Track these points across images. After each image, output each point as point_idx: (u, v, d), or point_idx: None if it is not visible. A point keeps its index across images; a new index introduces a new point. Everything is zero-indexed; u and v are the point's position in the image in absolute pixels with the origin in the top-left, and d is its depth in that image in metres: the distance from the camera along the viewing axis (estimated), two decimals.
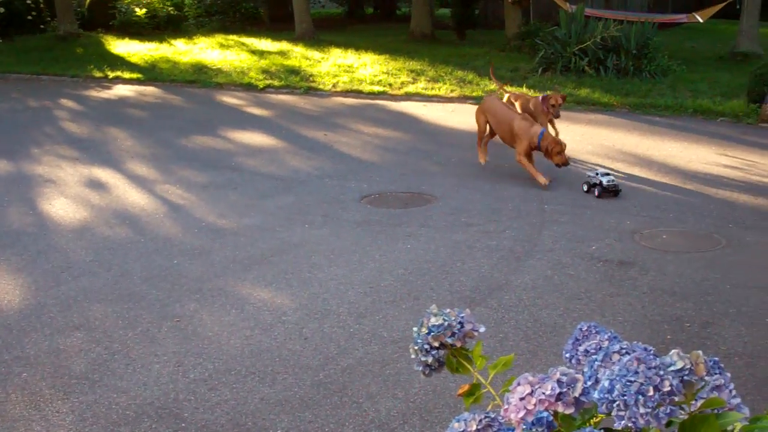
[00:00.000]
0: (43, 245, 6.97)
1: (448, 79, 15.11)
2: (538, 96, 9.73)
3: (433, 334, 1.44)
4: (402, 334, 5.15)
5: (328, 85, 15.09)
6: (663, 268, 6.28)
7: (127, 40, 21.22)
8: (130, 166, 9.60)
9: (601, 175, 8.12)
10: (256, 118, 12.62)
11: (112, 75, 16.45)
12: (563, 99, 9.45)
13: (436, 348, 1.45)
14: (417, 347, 1.46)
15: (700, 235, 7.10)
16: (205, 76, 16.25)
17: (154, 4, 23.64)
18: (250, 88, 15.31)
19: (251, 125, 11.95)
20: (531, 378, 1.22)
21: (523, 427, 1.19)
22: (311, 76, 15.94)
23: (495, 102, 8.96)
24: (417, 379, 4.54)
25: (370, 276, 6.18)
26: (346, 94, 14.60)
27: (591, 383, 1.21)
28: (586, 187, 8.22)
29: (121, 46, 20.12)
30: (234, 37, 22.00)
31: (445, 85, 14.66)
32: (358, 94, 14.54)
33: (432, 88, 14.46)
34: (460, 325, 1.45)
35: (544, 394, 1.19)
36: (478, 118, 9.17)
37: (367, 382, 4.61)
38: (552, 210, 7.77)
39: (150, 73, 16.67)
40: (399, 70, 16.12)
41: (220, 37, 21.82)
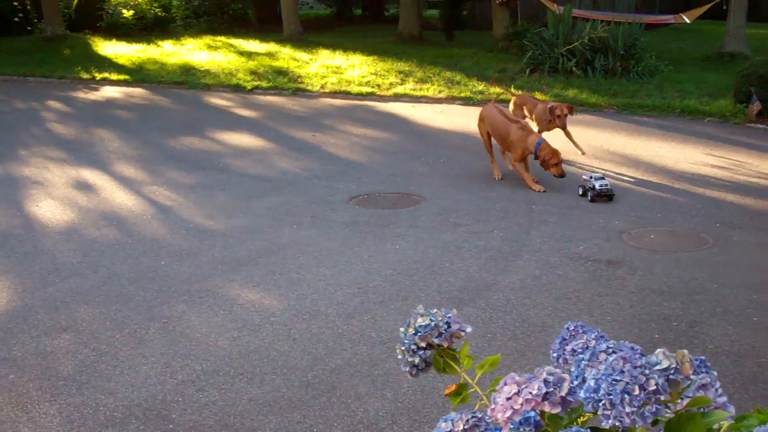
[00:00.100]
0: (30, 247, 6.94)
1: (436, 80, 15.12)
2: (546, 102, 9.60)
3: (419, 334, 1.44)
4: (390, 335, 5.15)
5: (317, 86, 15.08)
6: (651, 268, 6.30)
7: (114, 41, 21.17)
8: (118, 168, 9.57)
9: (595, 179, 7.99)
10: (244, 120, 12.60)
11: (99, 76, 16.40)
12: (569, 110, 9.30)
13: (423, 348, 1.45)
14: (404, 348, 1.46)
15: (687, 235, 7.13)
16: (193, 77, 16.22)
17: (142, 6, 23.58)
18: (238, 89, 15.28)
19: (239, 126, 11.93)
20: (518, 378, 1.22)
21: (510, 426, 1.19)
22: (299, 77, 15.93)
23: (491, 110, 8.90)
24: (405, 379, 4.54)
25: (359, 276, 6.18)
26: (334, 95, 14.60)
27: (578, 382, 1.21)
28: (581, 191, 8.12)
29: (108, 48, 20.06)
30: (222, 38, 21.97)
31: (433, 86, 14.67)
32: (346, 95, 14.53)
33: (420, 89, 14.47)
34: (446, 326, 1.45)
35: (530, 393, 1.19)
36: (479, 129, 9.10)
37: (355, 383, 4.61)
38: (540, 210, 7.78)
39: (137, 74, 16.63)
40: (387, 71, 16.12)
41: (207, 39, 21.79)
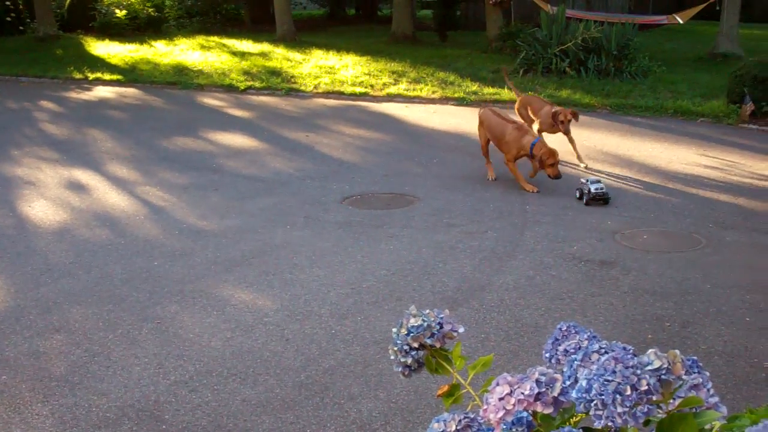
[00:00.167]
0: (23, 247, 6.92)
1: (430, 81, 15.13)
2: (551, 106, 9.49)
3: (412, 335, 1.44)
4: (384, 335, 5.15)
5: (310, 87, 15.07)
6: (644, 268, 6.31)
7: (107, 41, 21.13)
8: (111, 168, 9.55)
9: (591, 183, 7.89)
10: (237, 120, 12.58)
11: (92, 76, 16.37)
12: (573, 116, 9.20)
13: (415, 349, 1.45)
14: (396, 348, 1.46)
15: (680, 235, 7.14)
16: (186, 77, 16.19)
17: (135, 6, 23.54)
18: (231, 89, 15.27)
19: (232, 126, 11.92)
20: (510, 378, 1.22)
21: (502, 427, 1.19)
22: (293, 77, 15.91)
23: (488, 113, 8.91)
24: (399, 379, 4.54)
25: (352, 277, 6.18)
26: (327, 95, 14.59)
27: (570, 383, 1.21)
28: (578, 194, 8.04)
29: (101, 48, 20.02)
30: (215, 38, 21.95)
31: (426, 86, 14.67)
32: (339, 95, 14.53)
33: (413, 90, 14.47)
34: (439, 326, 1.45)
35: (522, 394, 1.19)
36: (479, 132, 9.08)
37: (348, 383, 4.61)
38: (534, 211, 7.78)
39: (130, 74, 16.60)
40: (380, 72, 16.12)
41: (200, 39, 21.76)
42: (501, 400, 1.20)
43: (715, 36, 18.01)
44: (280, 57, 18.22)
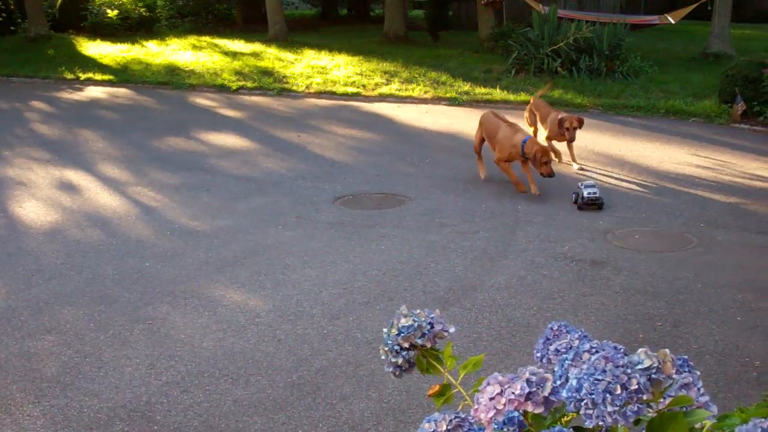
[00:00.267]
0: (14, 248, 6.90)
1: (422, 81, 15.12)
2: (558, 112, 9.40)
3: (403, 335, 1.43)
4: (376, 335, 5.15)
5: (302, 87, 15.06)
6: (635, 268, 6.32)
7: (98, 41, 21.06)
8: (102, 168, 9.53)
9: (585, 187, 7.77)
10: (229, 120, 12.56)
11: (83, 77, 16.32)
12: (579, 123, 9.12)
13: (406, 349, 1.45)
14: (387, 348, 1.45)
15: (672, 235, 7.16)
16: (178, 77, 16.16)
17: (126, 6, 23.47)
18: (223, 89, 15.24)
19: (224, 127, 11.90)
20: (500, 378, 1.22)
21: (493, 426, 1.19)
22: (284, 77, 15.90)
23: (488, 115, 8.89)
24: (390, 379, 4.54)
25: (344, 277, 6.18)
26: (319, 95, 14.58)
27: (561, 382, 1.21)
28: (574, 198, 7.91)
29: (92, 48, 19.96)
30: (207, 38, 21.90)
31: (418, 86, 14.67)
32: (331, 95, 14.51)
33: (406, 90, 14.46)
34: (430, 326, 1.45)
35: (513, 393, 1.19)
36: (476, 132, 9.04)
37: (340, 383, 4.60)
38: (525, 210, 7.79)
39: (122, 74, 16.56)
40: (373, 72, 16.11)
41: (192, 39, 21.71)
42: (492, 399, 1.20)
43: (706, 36, 18.04)
44: (272, 57, 18.20)
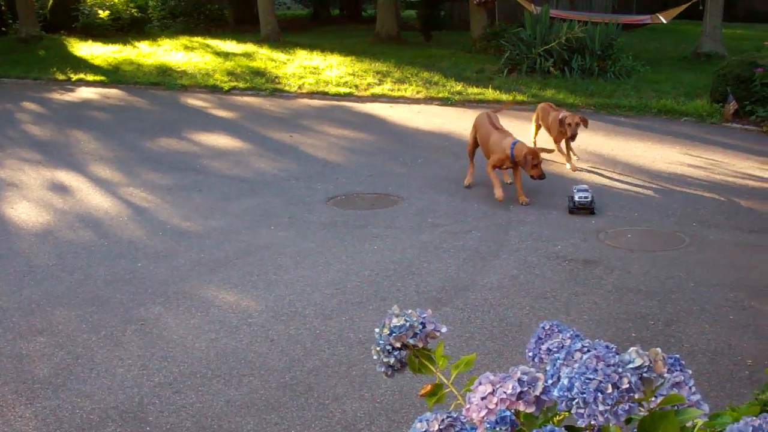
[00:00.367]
0: (5, 249, 6.88)
1: (414, 81, 15.12)
2: (559, 111, 9.30)
3: (394, 334, 1.43)
4: (368, 335, 5.15)
5: (294, 87, 15.04)
6: (628, 267, 6.33)
7: (90, 42, 21.01)
8: (94, 169, 9.50)
9: (577, 191, 7.69)
10: (221, 120, 12.54)
11: (75, 77, 16.28)
12: (583, 122, 8.98)
13: (398, 349, 1.45)
14: (379, 348, 1.45)
15: (664, 234, 7.17)
16: (170, 78, 16.13)
17: (118, 6, 23.40)
18: (215, 90, 15.21)
19: (216, 127, 11.88)
20: (492, 377, 1.22)
21: (486, 426, 1.19)
22: (277, 77, 15.88)
23: (482, 118, 8.77)
24: (383, 379, 4.54)
25: (337, 277, 6.17)
26: (311, 95, 14.56)
27: (552, 381, 1.21)
28: (569, 201, 7.79)
29: (84, 49, 19.91)
30: (198, 38, 21.87)
31: (411, 86, 14.66)
32: (323, 95, 14.50)
33: (398, 90, 14.45)
34: (421, 326, 1.45)
35: (505, 393, 1.19)
36: (470, 133, 8.94)
37: (333, 384, 4.60)
38: (518, 210, 7.79)
39: (113, 75, 16.51)
40: (365, 72, 16.10)
41: (184, 39, 21.67)
42: (483, 399, 1.20)
43: (698, 36, 18.08)
44: (264, 57, 18.17)
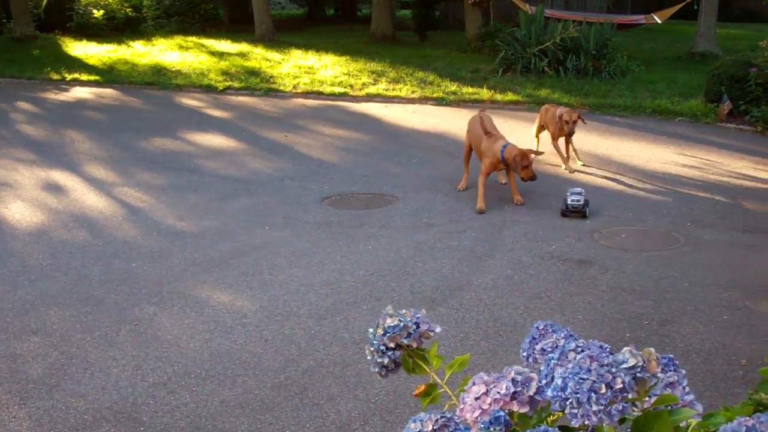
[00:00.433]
0: None
1: (409, 80, 15.12)
2: (557, 108, 9.30)
3: (388, 335, 1.43)
4: (363, 335, 5.14)
5: (289, 87, 15.03)
6: (622, 267, 6.34)
7: (84, 41, 20.97)
8: (88, 169, 9.49)
9: (570, 194, 7.62)
10: (215, 120, 12.53)
11: (69, 77, 16.24)
12: (580, 118, 9.00)
13: (392, 349, 1.44)
14: (373, 348, 1.45)
15: (658, 234, 7.18)
16: (164, 78, 16.11)
17: (112, 6, 23.36)
18: (209, 89, 15.20)
19: (211, 127, 11.87)
20: (486, 377, 1.22)
21: (480, 426, 1.19)
22: (271, 77, 15.87)
23: (474, 122, 8.69)
24: (377, 380, 4.53)
25: (331, 277, 6.17)
26: (306, 95, 14.56)
27: (547, 381, 1.21)
28: (562, 203, 7.73)
29: (78, 48, 19.88)
30: (193, 38, 21.84)
31: (406, 86, 14.66)
32: (318, 95, 14.50)
33: (393, 89, 14.46)
34: (415, 326, 1.45)
35: (498, 393, 1.19)
36: (466, 137, 8.85)
37: (327, 384, 4.60)
38: (512, 210, 7.80)
39: (108, 75, 16.49)
40: (360, 72, 16.10)
41: (179, 39, 21.64)
42: (477, 399, 1.20)
43: (693, 35, 18.11)
44: (259, 57, 18.16)
